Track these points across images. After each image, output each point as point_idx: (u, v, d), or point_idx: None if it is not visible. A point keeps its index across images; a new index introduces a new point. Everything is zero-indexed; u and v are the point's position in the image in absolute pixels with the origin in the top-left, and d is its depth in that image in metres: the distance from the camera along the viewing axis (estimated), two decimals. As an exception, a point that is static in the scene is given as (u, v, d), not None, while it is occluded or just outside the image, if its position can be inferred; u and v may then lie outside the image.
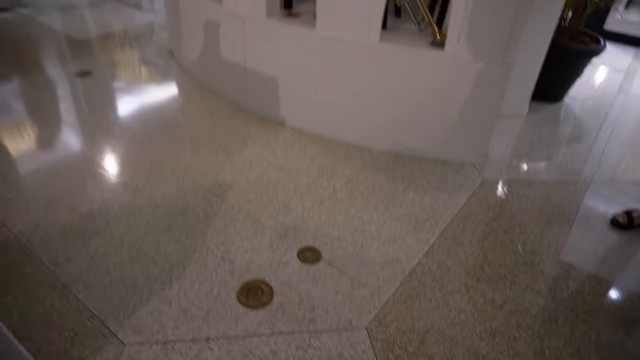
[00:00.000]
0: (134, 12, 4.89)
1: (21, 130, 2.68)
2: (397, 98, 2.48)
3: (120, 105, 3.03)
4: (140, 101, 3.10)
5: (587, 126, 3.20)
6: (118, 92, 3.20)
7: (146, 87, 3.30)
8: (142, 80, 3.41)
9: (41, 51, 3.79)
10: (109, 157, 2.49)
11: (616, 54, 4.61)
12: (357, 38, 2.37)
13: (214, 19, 2.87)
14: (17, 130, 2.68)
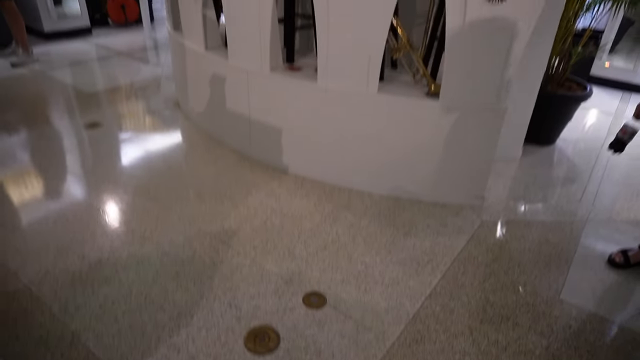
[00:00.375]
0: (140, 66, 5.11)
1: (31, 180, 2.76)
2: (396, 145, 2.59)
3: (127, 155, 3.14)
4: (147, 151, 3.21)
5: (580, 168, 3.30)
6: (125, 142, 3.31)
7: (153, 137, 3.43)
8: (149, 131, 3.54)
9: (53, 104, 3.95)
10: (117, 206, 2.56)
11: (604, 97, 4.79)
12: (357, 89, 2.51)
13: (220, 73, 3.03)
14: (27, 179, 2.77)
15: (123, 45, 5.78)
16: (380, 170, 2.71)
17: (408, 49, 2.52)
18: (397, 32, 2.56)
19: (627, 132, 2.08)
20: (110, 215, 2.47)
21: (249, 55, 2.79)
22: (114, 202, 2.59)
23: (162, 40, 6.22)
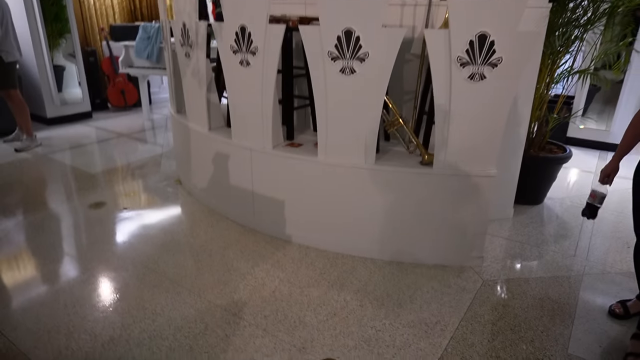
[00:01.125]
0: (140, 146, 5.31)
1: (40, 261, 2.81)
2: (395, 212, 2.73)
3: (133, 232, 3.22)
4: (152, 227, 3.30)
5: (569, 224, 3.45)
6: (130, 220, 3.41)
7: (157, 213, 3.53)
8: (153, 207, 3.65)
9: (57, 186, 4.07)
10: (126, 282, 2.61)
11: (582, 157, 5.08)
12: (355, 162, 2.70)
13: (224, 151, 3.22)
14: (35, 260, 2.81)
15: (123, 128, 6.04)
16: (381, 236, 2.83)
17: (401, 123, 2.75)
18: (390, 109, 2.80)
19: (597, 197, 2.17)
20: (120, 292, 2.51)
21: (252, 134, 3.00)
22: (124, 279, 2.64)
23: (159, 121, 6.50)
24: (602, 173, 2.18)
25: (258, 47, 2.73)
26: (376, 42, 2.42)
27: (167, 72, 3.96)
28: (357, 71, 2.51)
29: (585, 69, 3.60)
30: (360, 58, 2.47)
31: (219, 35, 2.93)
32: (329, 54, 2.52)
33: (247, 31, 2.73)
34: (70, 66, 6.67)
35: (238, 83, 2.95)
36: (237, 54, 2.85)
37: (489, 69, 2.38)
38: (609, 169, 2.15)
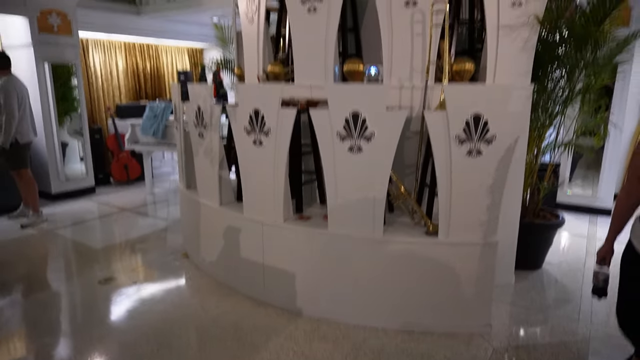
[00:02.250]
0: (144, 220, 5.41)
1: (44, 337, 2.81)
2: (403, 282, 2.83)
3: (144, 307, 3.24)
4: (162, 301, 3.33)
5: (569, 288, 3.55)
6: (140, 295, 3.43)
7: (166, 288, 3.57)
8: (161, 282, 3.69)
9: (65, 262, 4.11)
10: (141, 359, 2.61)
11: (573, 222, 5.27)
12: (364, 234, 2.83)
13: (235, 225, 3.34)
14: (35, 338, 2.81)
15: (126, 202, 6.16)
16: (391, 306, 2.90)
17: (406, 195, 2.93)
18: (394, 182, 2.99)
19: (600, 279, 2.14)
20: (137, 371, 2.51)
21: (264, 209, 3.15)
22: (138, 356, 2.64)
23: (161, 195, 6.64)
24: (598, 256, 2.15)
25: (271, 129, 2.96)
26: (381, 123, 2.66)
27: (178, 150, 4.16)
28: (364, 149, 2.72)
29: (569, 142, 3.89)
30: (366, 137, 2.70)
31: (233, 118, 3.16)
32: (337, 134, 2.74)
33: (261, 114, 2.98)
34: (73, 143, 6.91)
35: (251, 161, 3.15)
36: (251, 135, 3.07)
37: (485, 145, 2.61)
38: (604, 252, 2.12)
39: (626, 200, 2.02)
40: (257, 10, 3.64)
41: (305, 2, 3.29)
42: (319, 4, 3.24)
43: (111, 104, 7.55)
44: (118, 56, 7.89)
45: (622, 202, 2.03)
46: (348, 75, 3.17)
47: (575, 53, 3.40)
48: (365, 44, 3.74)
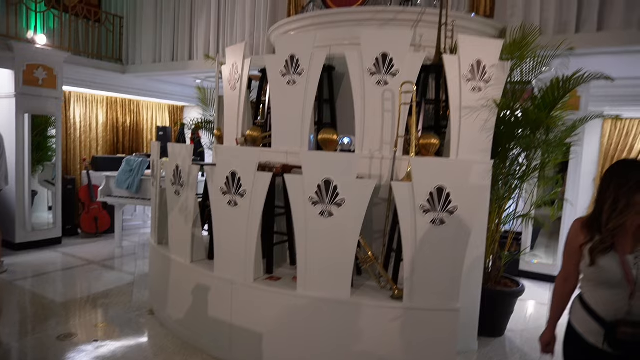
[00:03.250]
0: (109, 274, 5.30)
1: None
2: (369, 345, 2.88)
3: (105, 368, 3.15)
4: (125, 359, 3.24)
5: (530, 356, 3.65)
6: (101, 354, 3.34)
7: (130, 346, 3.48)
8: (125, 340, 3.60)
9: (22, 316, 3.96)
10: None
11: (535, 289, 5.46)
12: (331, 296, 2.91)
13: (205, 283, 3.36)
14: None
15: (93, 255, 6.03)
16: (356, 369, 2.92)
17: (373, 260, 3.05)
18: (362, 246, 3.12)
19: None
20: None
21: (235, 268, 3.20)
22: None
23: (129, 249, 6.54)
24: (541, 343, 2.13)
25: (246, 191, 3.09)
26: (351, 190, 2.83)
27: (152, 206, 4.22)
28: (334, 214, 2.87)
29: (527, 214, 4.15)
30: (337, 203, 2.85)
31: (211, 178, 3.29)
32: (310, 199, 2.89)
33: (237, 176, 3.11)
34: (43, 191, 6.83)
35: (225, 220, 3.24)
36: (227, 195, 3.18)
37: (448, 215, 2.80)
38: (547, 338, 2.11)
39: (563, 287, 2.04)
40: (240, 79, 3.88)
41: (285, 75, 3.55)
42: (298, 78, 3.51)
43: (88, 156, 7.58)
44: (99, 109, 8.02)
45: (560, 288, 2.05)
46: (322, 143, 3.38)
47: (530, 134, 3.73)
48: (341, 114, 4.01)
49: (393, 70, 3.34)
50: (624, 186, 1.78)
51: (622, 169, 1.85)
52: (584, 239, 1.90)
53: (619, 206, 1.79)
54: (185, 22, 6.69)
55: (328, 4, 4.30)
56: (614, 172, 1.86)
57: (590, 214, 1.93)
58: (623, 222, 1.79)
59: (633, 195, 1.77)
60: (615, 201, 1.80)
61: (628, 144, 6.03)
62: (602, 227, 1.83)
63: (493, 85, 3.42)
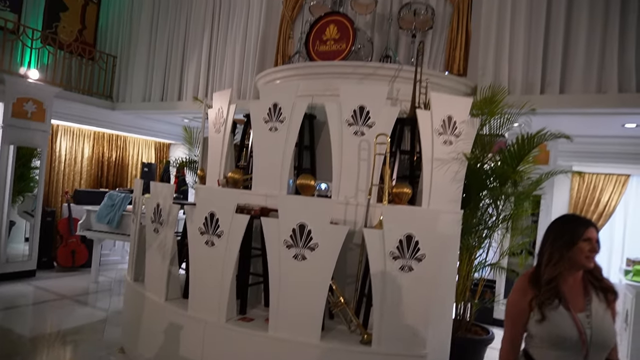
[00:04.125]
0: (80, 309, 5.23)
1: None
2: (337, 389, 2.92)
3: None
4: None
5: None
6: (68, 393, 3.29)
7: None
8: (92, 380, 3.56)
9: (-11, 352, 3.89)
10: None
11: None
12: (302, 339, 2.97)
13: (178, 322, 3.38)
14: None
15: (67, 289, 5.95)
16: (324, 414, 2.94)
17: (343, 304, 3.13)
18: (334, 291, 3.21)
19: None
20: None
21: (208, 308, 3.24)
22: None
23: (105, 284, 6.47)
24: None
25: (223, 231, 3.18)
26: (324, 235, 2.95)
27: (131, 242, 4.26)
28: (307, 258, 2.97)
29: (496, 263, 4.30)
30: (310, 247, 2.96)
31: (190, 218, 3.38)
32: (284, 242, 3.00)
33: (216, 217, 3.22)
34: (21, 222, 6.79)
35: (201, 260, 3.31)
36: (204, 235, 3.27)
37: (416, 262, 2.92)
38: None
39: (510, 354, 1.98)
40: (225, 123, 4.05)
41: (268, 122, 3.73)
42: (280, 125, 3.69)
43: (70, 189, 7.59)
44: (85, 143, 8.11)
45: (507, 355, 1.99)
46: (300, 188, 3.52)
47: (498, 186, 3.94)
48: (321, 160, 4.18)
49: (369, 122, 3.55)
50: (559, 240, 1.89)
51: (558, 224, 1.96)
52: (532, 294, 1.90)
53: (553, 259, 1.88)
54: (176, 64, 6.94)
55: (312, 57, 4.56)
56: (552, 227, 1.97)
57: (532, 270, 1.98)
58: (557, 273, 1.86)
59: (566, 249, 1.85)
60: (550, 254, 1.89)
61: (595, 198, 6.31)
62: (541, 280, 1.89)
63: (463, 139, 3.63)
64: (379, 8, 5.14)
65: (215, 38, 6.54)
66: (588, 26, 4.24)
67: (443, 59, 4.97)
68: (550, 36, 4.42)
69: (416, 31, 4.78)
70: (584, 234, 1.86)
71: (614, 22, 4.13)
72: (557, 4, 4.39)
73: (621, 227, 6.61)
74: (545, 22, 4.43)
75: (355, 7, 4.97)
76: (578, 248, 1.85)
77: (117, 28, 7.86)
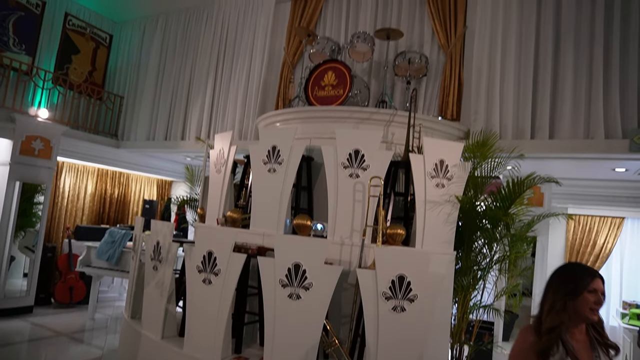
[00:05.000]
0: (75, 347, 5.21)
1: None
2: None
3: None
4: None
5: None
6: None
7: None
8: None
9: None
10: None
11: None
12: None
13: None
14: None
15: (64, 326, 5.94)
16: None
17: (337, 345, 3.16)
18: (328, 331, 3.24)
19: None
20: None
21: (204, 345, 3.27)
22: None
23: (102, 321, 6.44)
24: None
25: (221, 270, 3.26)
26: (319, 275, 3.03)
27: (130, 279, 4.32)
28: (302, 297, 3.03)
29: (490, 305, 4.32)
30: (305, 287, 3.03)
31: (189, 256, 3.46)
32: (280, 281, 3.07)
33: (214, 256, 3.30)
34: (21, 257, 6.82)
35: (198, 298, 3.37)
36: (202, 273, 3.34)
37: (408, 303, 2.98)
38: None
39: None
40: (225, 164, 4.20)
41: (267, 164, 3.87)
42: (278, 167, 3.83)
43: (72, 225, 7.68)
44: (89, 180, 8.27)
45: None
46: (297, 228, 3.62)
47: (491, 228, 4.02)
48: (318, 201, 4.29)
49: (364, 164, 3.68)
50: (563, 289, 1.85)
51: (563, 272, 1.93)
52: (537, 344, 1.85)
53: (555, 307, 1.84)
54: (181, 105, 7.18)
55: (311, 101, 4.76)
56: (555, 275, 1.94)
57: (535, 318, 1.93)
58: (559, 322, 1.82)
59: (570, 299, 1.82)
60: (553, 303, 1.85)
61: (591, 240, 6.36)
62: (542, 328, 1.86)
63: (455, 182, 3.76)
64: (376, 56, 5.40)
65: (219, 81, 6.81)
66: (574, 73, 4.43)
67: (437, 104, 5.17)
68: (539, 83, 4.62)
69: (411, 78, 5.01)
70: (589, 284, 1.82)
71: (598, 70, 4.32)
72: (544, 52, 4.61)
73: (618, 269, 6.62)
74: (534, 69, 4.64)
75: (352, 55, 5.22)
76: (583, 299, 1.82)
77: (126, 70, 8.17)
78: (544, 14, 4.68)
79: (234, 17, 6.85)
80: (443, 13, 5.19)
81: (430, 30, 5.34)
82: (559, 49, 4.58)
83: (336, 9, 6.02)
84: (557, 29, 4.61)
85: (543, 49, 4.63)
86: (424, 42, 5.39)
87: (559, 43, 4.59)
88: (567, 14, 4.54)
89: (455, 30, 5.12)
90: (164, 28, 7.69)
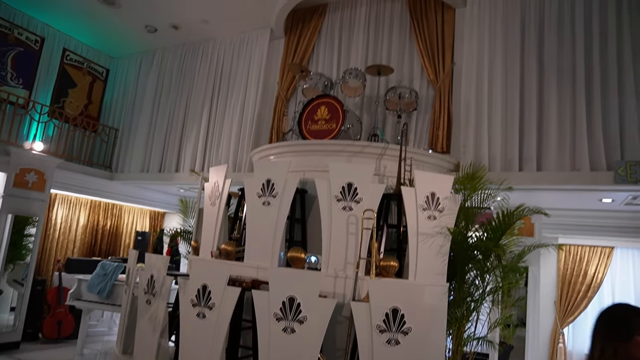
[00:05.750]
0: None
1: None
2: None
3: None
4: None
5: None
6: None
7: None
8: None
9: None
10: None
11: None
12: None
13: (165, 398, 3.35)
14: None
15: (51, 363, 5.81)
16: None
17: (332, 378, 3.15)
18: (322, 364, 3.23)
19: None
20: None
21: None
22: None
23: (90, 357, 6.30)
24: None
25: (215, 304, 3.26)
26: (313, 308, 3.04)
27: (122, 313, 4.28)
28: (296, 331, 3.03)
29: (484, 337, 4.32)
30: (300, 320, 3.04)
31: (183, 290, 3.46)
32: (274, 315, 3.07)
33: (208, 289, 3.31)
34: (8, 291, 6.70)
35: (192, 332, 3.35)
36: (196, 307, 3.34)
37: (402, 336, 2.99)
38: None
39: None
40: (220, 197, 4.25)
41: (261, 197, 3.93)
42: (272, 200, 3.89)
43: (63, 257, 7.60)
44: (81, 212, 8.24)
45: None
46: (291, 260, 3.65)
47: (482, 259, 4.07)
48: (311, 233, 4.33)
49: (357, 197, 3.75)
50: (612, 333, 1.79)
51: (611, 315, 1.87)
52: None
53: (605, 355, 1.78)
54: (175, 137, 7.26)
55: (305, 135, 4.86)
56: (602, 318, 1.87)
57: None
58: None
59: (621, 344, 1.76)
60: (602, 350, 1.79)
61: (582, 269, 6.40)
62: None
63: (446, 214, 3.83)
64: (367, 91, 5.56)
65: (214, 114, 6.93)
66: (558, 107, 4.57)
67: (427, 137, 5.30)
68: (525, 116, 4.75)
69: (401, 112, 5.15)
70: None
71: (581, 104, 4.47)
72: (529, 87, 4.76)
73: (609, 298, 6.65)
74: (520, 103, 4.78)
75: (344, 90, 5.37)
76: (635, 343, 1.75)
77: (121, 103, 8.28)
78: (527, 51, 4.87)
79: (229, 52, 7.04)
80: (431, 50, 5.39)
81: (420, 67, 5.53)
82: (542, 84, 4.75)
83: (328, 45, 6.22)
84: (541, 64, 4.79)
85: (528, 84, 4.80)
86: (414, 77, 5.57)
87: (543, 78, 4.76)
88: (549, 50, 4.73)
89: (444, 66, 5.30)
90: (160, 62, 7.86)
